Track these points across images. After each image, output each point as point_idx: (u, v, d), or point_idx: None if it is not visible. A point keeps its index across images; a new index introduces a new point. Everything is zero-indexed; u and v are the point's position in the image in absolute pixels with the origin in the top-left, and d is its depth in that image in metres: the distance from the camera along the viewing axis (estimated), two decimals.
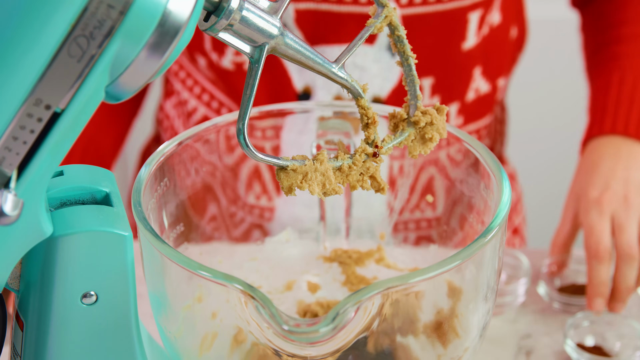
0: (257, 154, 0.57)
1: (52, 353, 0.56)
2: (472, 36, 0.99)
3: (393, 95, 0.98)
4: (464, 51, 0.99)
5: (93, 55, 0.47)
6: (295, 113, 0.77)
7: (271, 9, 0.56)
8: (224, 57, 0.99)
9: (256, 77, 0.57)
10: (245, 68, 0.99)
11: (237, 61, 0.99)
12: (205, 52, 1.01)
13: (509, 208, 0.61)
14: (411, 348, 0.68)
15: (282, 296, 0.80)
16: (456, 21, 0.97)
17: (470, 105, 1.03)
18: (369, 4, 0.94)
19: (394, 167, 0.94)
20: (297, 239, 0.82)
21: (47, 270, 0.55)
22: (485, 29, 1.00)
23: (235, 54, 0.99)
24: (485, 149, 0.67)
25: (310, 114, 0.77)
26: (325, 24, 0.95)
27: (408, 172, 0.80)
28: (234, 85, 1.01)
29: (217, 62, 1.00)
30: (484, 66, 1.02)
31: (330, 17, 0.94)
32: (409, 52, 0.62)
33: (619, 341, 0.84)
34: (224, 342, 0.70)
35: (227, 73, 1.00)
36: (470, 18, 0.97)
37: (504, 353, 0.84)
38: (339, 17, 0.94)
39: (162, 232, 0.68)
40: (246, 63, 0.98)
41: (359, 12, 0.94)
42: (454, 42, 0.98)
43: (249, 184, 0.98)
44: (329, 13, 0.94)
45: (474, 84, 1.02)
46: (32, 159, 0.49)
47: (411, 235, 0.99)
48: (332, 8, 0.94)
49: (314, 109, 0.77)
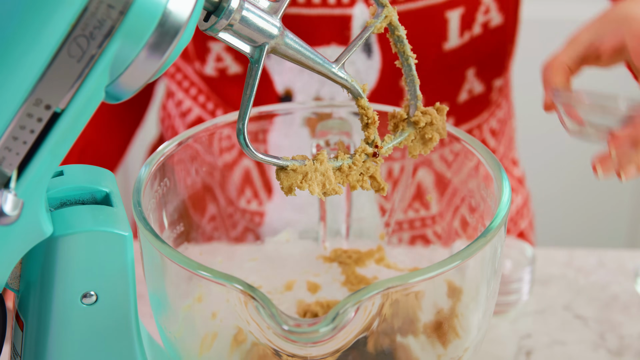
0: (257, 153, 0.57)
1: (52, 353, 0.56)
2: (455, 36, 0.97)
3: (371, 98, 0.97)
4: (447, 51, 0.98)
5: (93, 55, 0.47)
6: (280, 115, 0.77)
7: (271, 9, 0.57)
8: (206, 65, 0.98)
9: (256, 77, 0.57)
10: (228, 74, 0.98)
11: (219, 67, 0.98)
12: (190, 60, 1.01)
13: (509, 208, 0.60)
14: (411, 348, 0.68)
15: (282, 296, 0.80)
16: (431, 20, 0.95)
17: (463, 106, 1.02)
18: (338, 5, 0.93)
19: (394, 166, 0.94)
20: (297, 239, 0.82)
21: (47, 270, 0.55)
22: (477, 29, 0.99)
23: (216, 60, 0.98)
24: (485, 149, 0.67)
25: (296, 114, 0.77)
26: (296, 28, 0.94)
27: (408, 171, 0.80)
28: (219, 91, 1.01)
29: (199, 70, 1.00)
30: (478, 67, 1.01)
31: (300, 20, 0.94)
32: (409, 52, 0.62)
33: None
34: (224, 342, 0.70)
35: (211, 79, 1.00)
36: (449, 17, 0.96)
37: (504, 353, 0.84)
38: (308, 19, 0.94)
39: (162, 232, 0.68)
40: (228, 69, 0.98)
41: (328, 14, 0.93)
42: (433, 42, 0.97)
43: (240, 188, 0.98)
44: (298, 16, 0.94)
45: (466, 85, 1.01)
46: (32, 159, 0.49)
47: (411, 235, 0.99)
48: (302, 11, 0.94)
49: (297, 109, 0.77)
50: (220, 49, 0.97)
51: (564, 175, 1.94)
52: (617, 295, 0.91)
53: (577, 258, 0.96)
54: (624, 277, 0.93)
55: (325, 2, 0.93)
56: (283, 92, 0.98)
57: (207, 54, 0.98)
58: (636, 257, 0.96)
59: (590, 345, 0.84)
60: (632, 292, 0.91)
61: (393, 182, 0.85)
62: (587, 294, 0.91)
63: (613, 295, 0.91)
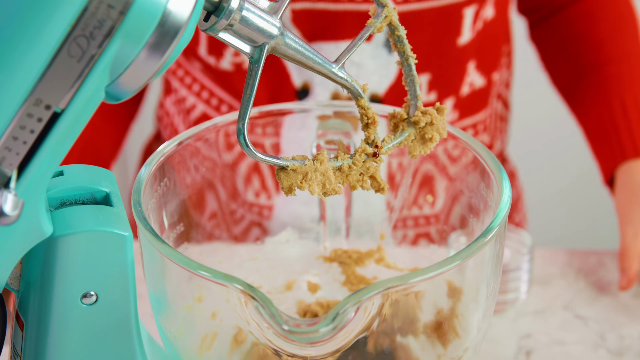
0: (257, 153, 0.57)
1: (52, 353, 0.56)
2: (467, 31, 0.99)
3: (390, 93, 0.99)
4: (459, 46, 1.00)
5: (93, 55, 0.47)
6: (294, 113, 0.77)
7: (271, 9, 0.57)
8: (223, 59, 0.99)
9: (256, 77, 0.57)
10: (245, 67, 0.99)
11: (236, 62, 0.99)
12: (199, 57, 1.01)
13: (509, 208, 0.60)
14: (411, 348, 0.68)
15: (282, 296, 0.80)
16: (451, 17, 0.98)
17: (465, 99, 1.04)
18: (364, 1, 0.94)
19: (394, 166, 0.94)
20: (297, 239, 0.82)
21: (47, 270, 0.55)
22: (479, 23, 1.00)
23: (234, 55, 0.99)
24: (485, 149, 0.67)
25: (309, 112, 0.77)
26: (322, 23, 0.95)
27: (408, 171, 0.80)
28: (234, 85, 1.01)
29: (215, 65, 1.00)
30: (478, 60, 1.03)
31: (327, 15, 0.95)
32: (409, 52, 0.62)
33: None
34: (224, 342, 0.70)
35: (227, 74, 1.01)
36: (465, 13, 0.98)
37: (504, 353, 0.84)
38: (335, 15, 0.95)
39: (162, 232, 0.68)
40: (245, 62, 0.98)
41: (355, 10, 0.95)
42: (450, 38, 0.99)
43: (247, 182, 0.98)
44: (325, 12, 0.95)
45: (468, 78, 1.03)
46: (32, 159, 0.49)
47: (411, 235, 0.99)
48: (328, 7, 0.95)
49: (313, 108, 0.77)
50: None
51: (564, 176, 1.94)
52: (617, 295, 0.91)
53: (577, 258, 0.96)
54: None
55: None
56: (300, 85, 0.98)
57: (225, 49, 0.98)
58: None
59: (590, 345, 0.84)
60: (632, 292, 0.91)
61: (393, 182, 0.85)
62: (587, 294, 0.91)
63: (613, 295, 0.91)
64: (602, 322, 0.87)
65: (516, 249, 0.89)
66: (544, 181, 1.88)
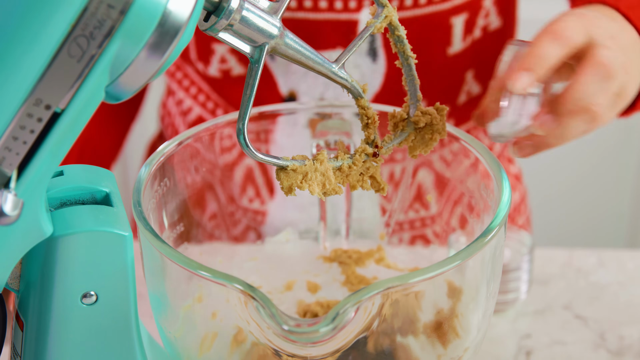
0: (257, 153, 0.57)
1: (52, 353, 0.56)
2: (457, 41, 0.98)
3: (376, 102, 0.97)
4: (450, 55, 0.98)
5: (93, 55, 0.47)
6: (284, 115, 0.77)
7: (271, 9, 0.57)
8: (210, 66, 0.99)
9: (256, 77, 0.57)
10: (232, 75, 0.99)
11: (223, 68, 0.99)
12: (191, 62, 1.01)
13: (509, 208, 0.60)
14: (411, 348, 0.68)
15: (282, 296, 0.80)
16: (438, 26, 0.96)
17: (462, 107, 1.03)
18: (344, 10, 0.94)
19: (394, 166, 0.94)
20: (297, 239, 0.82)
21: (47, 270, 0.55)
22: (477, 32, 0.99)
23: (220, 62, 0.99)
24: (485, 149, 0.67)
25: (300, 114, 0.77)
26: (302, 32, 0.95)
27: (407, 171, 0.80)
28: (222, 91, 1.01)
29: (203, 71, 1.00)
30: (477, 70, 1.02)
31: (307, 24, 0.94)
32: (409, 52, 0.62)
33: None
34: (224, 342, 0.70)
35: (215, 80, 1.00)
36: (453, 22, 0.96)
37: (504, 353, 0.84)
38: (315, 24, 0.94)
39: (162, 232, 0.68)
40: (232, 70, 0.98)
41: (335, 19, 0.94)
42: (438, 47, 0.97)
43: (242, 187, 0.98)
44: (305, 21, 0.94)
45: (465, 87, 1.02)
46: (32, 159, 0.49)
47: (411, 235, 0.99)
48: (308, 16, 0.94)
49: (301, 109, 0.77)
50: (225, 51, 0.97)
51: (564, 175, 1.94)
52: (617, 295, 0.91)
53: (577, 258, 0.96)
54: (624, 277, 0.93)
55: (332, 7, 0.93)
56: (287, 94, 0.98)
57: (211, 56, 0.98)
58: (636, 257, 0.96)
59: (590, 345, 0.84)
60: (632, 292, 0.91)
61: (394, 182, 0.85)
62: (587, 294, 0.91)
63: (613, 295, 0.91)
64: (602, 322, 0.87)
65: (516, 249, 0.89)
66: (543, 181, 1.88)
